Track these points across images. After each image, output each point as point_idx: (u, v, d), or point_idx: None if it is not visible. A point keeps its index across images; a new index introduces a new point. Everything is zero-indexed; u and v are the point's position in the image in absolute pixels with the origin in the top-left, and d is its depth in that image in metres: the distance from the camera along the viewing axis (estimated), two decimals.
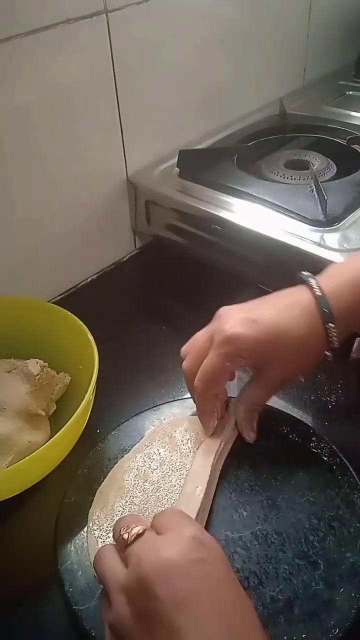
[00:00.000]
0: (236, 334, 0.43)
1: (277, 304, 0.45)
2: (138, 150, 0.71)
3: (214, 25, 0.74)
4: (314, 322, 0.43)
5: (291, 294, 0.46)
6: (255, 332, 0.43)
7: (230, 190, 0.67)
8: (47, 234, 0.66)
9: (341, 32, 1.00)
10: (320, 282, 0.44)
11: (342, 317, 0.43)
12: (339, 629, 0.37)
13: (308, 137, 0.81)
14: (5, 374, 0.53)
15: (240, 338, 0.43)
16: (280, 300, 0.46)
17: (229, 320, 0.44)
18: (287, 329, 0.43)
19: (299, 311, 0.44)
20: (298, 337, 0.43)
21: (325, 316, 0.43)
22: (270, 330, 0.43)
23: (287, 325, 0.43)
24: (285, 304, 0.45)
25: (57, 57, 0.57)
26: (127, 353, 0.62)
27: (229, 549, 0.42)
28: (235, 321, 0.44)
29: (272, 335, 0.43)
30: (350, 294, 0.44)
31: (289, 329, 0.43)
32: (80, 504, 0.46)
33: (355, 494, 0.45)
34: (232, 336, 0.43)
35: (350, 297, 0.44)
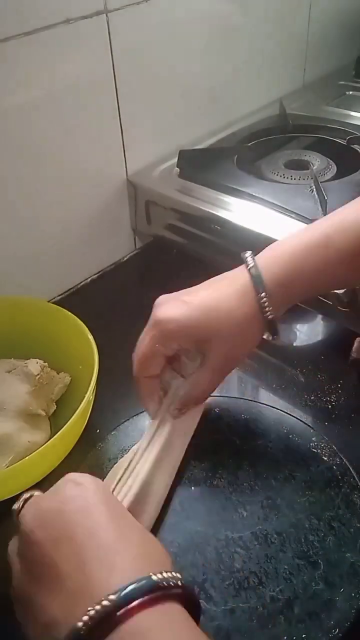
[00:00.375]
0: (164, 315, 0.44)
1: (211, 285, 0.46)
2: (138, 150, 0.71)
3: (214, 25, 0.74)
4: (247, 295, 0.43)
5: (227, 275, 0.46)
6: (183, 311, 0.44)
7: (230, 190, 0.67)
8: (47, 234, 0.66)
9: (341, 32, 1.00)
10: (255, 256, 0.45)
11: (275, 288, 0.43)
12: (339, 629, 0.37)
13: (308, 137, 0.81)
14: (5, 374, 0.53)
15: (168, 319, 0.44)
16: (215, 281, 0.46)
17: (162, 304, 0.45)
18: (217, 305, 0.44)
19: (231, 287, 0.44)
20: (229, 311, 0.43)
21: (256, 285, 0.43)
22: (199, 308, 0.44)
23: (218, 302, 0.44)
24: (219, 285, 0.45)
25: (57, 57, 0.57)
26: (127, 353, 0.61)
27: (229, 549, 0.42)
28: (166, 305, 0.45)
29: (202, 314, 0.43)
30: (283, 266, 0.44)
31: (219, 304, 0.43)
32: None
33: (355, 494, 0.45)
34: (160, 319, 0.44)
35: (283, 269, 0.44)
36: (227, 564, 0.41)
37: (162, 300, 0.46)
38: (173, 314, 0.44)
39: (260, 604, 0.39)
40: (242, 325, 0.44)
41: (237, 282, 0.44)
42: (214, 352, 0.45)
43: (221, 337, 0.44)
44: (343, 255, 0.43)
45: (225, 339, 0.44)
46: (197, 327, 0.44)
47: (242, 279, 0.44)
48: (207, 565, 0.41)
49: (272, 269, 0.44)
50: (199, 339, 0.45)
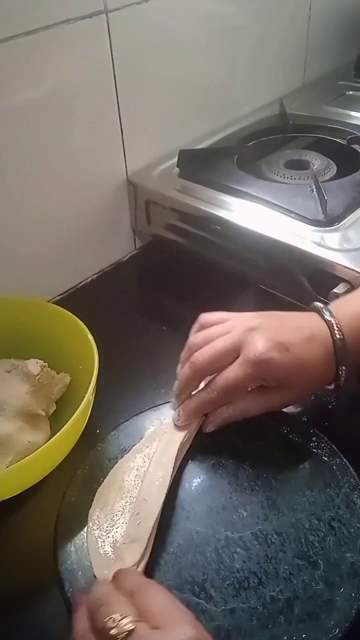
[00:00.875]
0: (270, 359, 0.43)
1: (302, 332, 0.45)
2: (138, 150, 0.71)
3: (214, 25, 0.74)
4: (329, 359, 0.45)
5: (311, 323, 0.46)
6: (286, 361, 0.44)
7: (230, 190, 0.67)
8: (47, 233, 0.66)
9: (341, 32, 1.00)
10: (338, 321, 0.45)
11: (353, 356, 0.45)
12: (339, 629, 0.37)
13: (308, 137, 0.81)
14: (5, 374, 0.52)
15: (272, 364, 0.44)
16: (303, 327, 0.46)
17: (263, 340, 0.44)
18: (310, 363, 0.44)
19: (319, 345, 0.45)
20: (315, 371, 0.45)
21: (340, 359, 0.44)
22: (297, 361, 0.44)
23: (310, 359, 0.44)
24: (309, 334, 0.45)
25: (57, 57, 0.57)
26: (127, 353, 0.62)
27: (229, 549, 0.42)
28: (270, 344, 0.44)
29: (297, 366, 0.44)
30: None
31: (311, 363, 0.44)
32: (80, 504, 0.46)
33: (355, 494, 0.45)
34: (266, 360, 0.43)
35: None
36: (227, 564, 0.41)
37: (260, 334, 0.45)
38: (276, 358, 0.43)
39: (260, 604, 0.39)
40: (317, 385, 0.47)
41: (326, 346, 0.45)
42: (281, 397, 0.47)
43: (297, 389, 0.46)
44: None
45: (297, 392, 0.47)
46: (288, 377, 0.45)
47: (328, 345, 0.45)
48: (207, 565, 0.41)
49: (355, 338, 0.45)
50: (279, 385, 0.46)
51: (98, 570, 0.41)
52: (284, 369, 0.44)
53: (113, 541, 0.43)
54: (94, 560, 0.42)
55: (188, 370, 0.48)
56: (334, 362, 0.45)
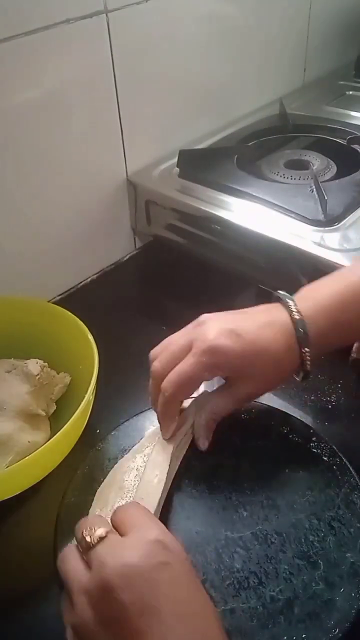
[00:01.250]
0: (220, 345, 0.42)
1: (258, 319, 0.45)
2: (138, 150, 0.72)
3: (214, 25, 0.74)
4: (291, 343, 0.43)
5: (270, 311, 0.45)
6: (238, 346, 0.43)
7: (230, 190, 0.67)
8: (47, 234, 0.66)
9: (341, 32, 1.00)
10: (298, 305, 0.44)
11: (316, 341, 0.43)
12: (339, 629, 0.37)
13: (308, 137, 0.81)
14: (5, 374, 0.53)
15: (223, 350, 0.42)
16: (261, 315, 0.45)
17: (213, 329, 0.43)
18: (267, 346, 0.43)
19: (278, 329, 0.43)
20: (275, 356, 0.43)
21: (302, 340, 0.43)
22: (251, 346, 0.43)
23: (268, 343, 0.43)
24: (266, 320, 0.44)
25: (57, 57, 0.57)
26: (127, 353, 0.62)
27: (229, 549, 0.42)
28: (219, 332, 0.43)
29: (253, 352, 0.43)
30: (325, 318, 0.44)
31: (269, 346, 0.43)
32: (80, 504, 0.46)
33: (355, 494, 0.45)
34: (216, 347, 0.42)
35: (324, 322, 0.44)
36: (227, 564, 0.41)
37: (209, 323, 0.44)
38: (227, 345, 0.42)
39: (260, 604, 0.39)
40: (281, 370, 0.45)
41: (284, 326, 0.44)
42: (245, 387, 0.45)
43: (259, 376, 0.44)
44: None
45: (261, 379, 0.45)
46: (244, 362, 0.43)
47: (287, 325, 0.44)
48: (207, 565, 0.41)
49: (317, 322, 0.43)
50: (238, 373, 0.45)
51: None
52: (238, 356, 0.43)
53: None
54: None
55: (150, 381, 0.47)
56: (296, 344, 0.43)
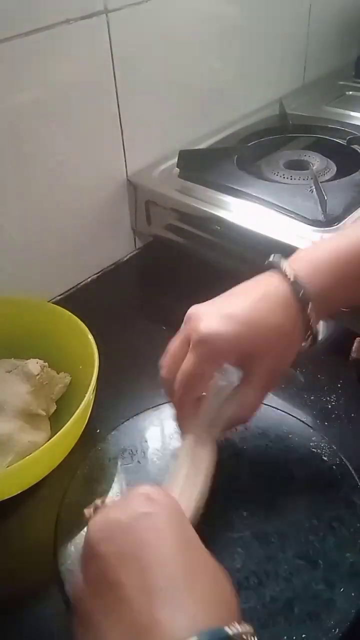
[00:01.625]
0: (213, 331, 0.40)
1: (250, 295, 0.42)
2: (138, 150, 0.71)
3: (214, 25, 0.74)
4: (291, 309, 0.41)
5: (261, 282, 0.43)
6: (232, 327, 0.40)
7: (230, 190, 0.67)
8: (47, 234, 0.66)
9: (341, 32, 1.00)
10: (291, 265, 0.42)
11: (320, 296, 0.41)
12: (339, 629, 0.37)
13: (308, 137, 0.81)
14: (6, 374, 0.53)
15: (217, 336, 0.40)
16: (252, 290, 0.43)
17: (203, 318, 0.41)
18: (265, 319, 0.41)
19: (274, 300, 0.41)
20: (277, 326, 0.41)
21: (302, 301, 0.40)
22: (248, 323, 0.40)
23: (265, 316, 0.41)
24: (259, 294, 0.42)
25: (56, 57, 0.57)
26: (127, 353, 0.62)
27: (229, 549, 0.42)
28: (209, 318, 0.41)
29: (251, 328, 0.40)
30: (324, 273, 0.41)
31: (267, 319, 0.41)
32: (80, 504, 0.46)
33: (355, 494, 0.45)
34: (208, 335, 0.40)
35: (324, 278, 0.41)
36: (227, 564, 0.41)
37: (198, 313, 0.42)
38: (220, 329, 0.40)
39: (260, 604, 0.39)
40: (289, 339, 0.41)
41: (279, 293, 0.41)
42: (262, 368, 0.42)
43: (268, 351, 0.41)
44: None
45: (273, 355, 0.42)
46: (246, 343, 0.40)
47: (283, 291, 0.41)
48: None
49: (316, 279, 0.41)
50: (246, 356, 0.41)
51: None
52: (233, 338, 0.40)
53: None
54: None
55: (163, 387, 0.45)
56: (297, 307, 0.41)
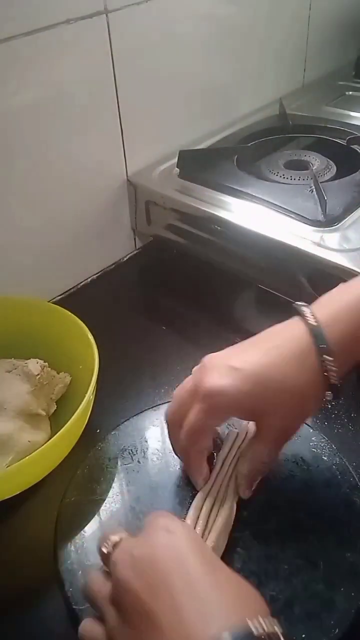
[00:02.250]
0: (215, 387, 0.39)
1: (265, 343, 0.40)
2: (138, 150, 0.71)
3: (214, 25, 0.74)
4: (308, 359, 0.38)
5: (283, 330, 0.41)
6: (237, 382, 0.38)
7: (230, 190, 0.67)
8: (47, 234, 0.66)
9: (341, 32, 1.00)
10: (314, 311, 0.40)
11: (341, 346, 0.38)
12: (339, 629, 0.37)
13: (308, 137, 0.81)
14: (6, 373, 0.53)
15: (219, 391, 0.39)
16: (270, 338, 0.41)
17: (210, 370, 0.40)
18: (273, 373, 0.38)
19: (289, 349, 0.39)
20: (285, 381, 0.38)
21: (320, 348, 0.38)
22: (254, 377, 0.39)
23: (275, 368, 0.39)
24: (274, 344, 0.40)
25: (57, 57, 0.57)
26: (127, 353, 0.62)
27: (229, 549, 0.42)
28: (215, 372, 0.39)
29: (257, 383, 0.38)
30: (349, 319, 0.39)
31: (275, 373, 0.38)
32: (80, 504, 0.46)
33: (355, 494, 0.45)
34: (210, 390, 0.39)
35: (349, 323, 0.39)
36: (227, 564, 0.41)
37: (209, 364, 0.41)
38: (222, 385, 0.39)
39: None
40: (301, 395, 0.39)
41: (295, 342, 0.39)
42: (269, 423, 0.40)
43: (279, 407, 0.39)
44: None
45: (281, 413, 0.39)
46: (249, 400, 0.39)
47: (300, 339, 0.39)
48: None
49: (337, 326, 0.39)
50: (253, 412, 0.40)
51: None
52: (237, 392, 0.38)
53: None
54: None
55: (168, 432, 0.45)
56: (314, 355, 0.38)
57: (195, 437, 0.42)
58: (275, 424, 0.40)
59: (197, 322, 0.66)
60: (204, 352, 0.43)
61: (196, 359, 0.42)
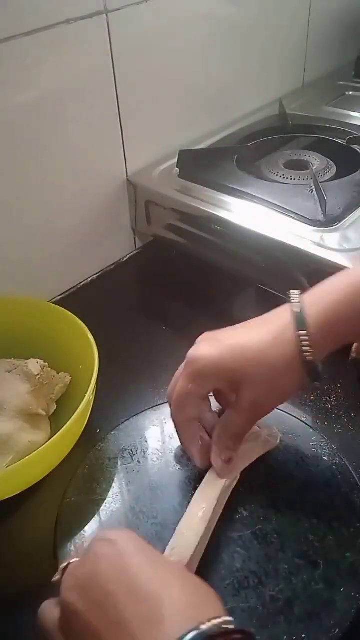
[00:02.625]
0: (197, 353, 0.42)
1: (252, 323, 0.43)
2: (138, 150, 0.72)
3: (214, 25, 0.74)
4: (285, 334, 0.40)
5: (271, 313, 0.43)
6: (216, 350, 0.42)
7: (230, 190, 0.67)
8: (47, 234, 0.66)
9: (341, 32, 1.00)
10: (302, 295, 0.42)
11: (320, 323, 0.40)
12: (339, 629, 0.37)
13: (308, 137, 0.81)
14: (6, 374, 0.53)
15: (200, 357, 0.42)
16: (257, 320, 0.44)
17: (198, 343, 0.44)
18: (248, 344, 0.41)
19: (269, 325, 0.41)
20: (260, 351, 0.40)
21: (298, 323, 0.40)
22: (229, 347, 0.41)
23: (249, 340, 0.41)
24: (258, 323, 0.43)
25: (57, 57, 0.57)
26: (127, 353, 0.62)
27: (229, 549, 0.42)
28: (202, 344, 0.43)
29: (230, 353, 0.41)
30: (332, 299, 0.40)
31: (250, 343, 0.41)
32: (80, 504, 0.46)
33: (355, 494, 0.45)
34: (194, 356, 0.42)
35: (332, 302, 0.40)
36: (227, 564, 0.41)
37: (200, 339, 0.44)
38: (203, 352, 0.42)
39: (260, 604, 0.39)
40: (275, 367, 0.40)
41: (277, 319, 0.42)
42: (244, 394, 0.42)
43: (251, 379, 0.41)
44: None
45: (255, 382, 0.41)
46: (226, 367, 0.41)
47: (283, 317, 0.41)
48: (207, 565, 0.41)
49: (316, 307, 0.40)
50: (231, 380, 0.42)
51: None
52: (215, 361, 0.41)
53: None
54: None
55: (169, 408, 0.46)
56: (292, 332, 0.40)
57: (181, 403, 0.44)
58: (249, 395, 0.42)
59: (197, 322, 0.66)
60: None
61: None
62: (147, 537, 0.43)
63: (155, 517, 0.45)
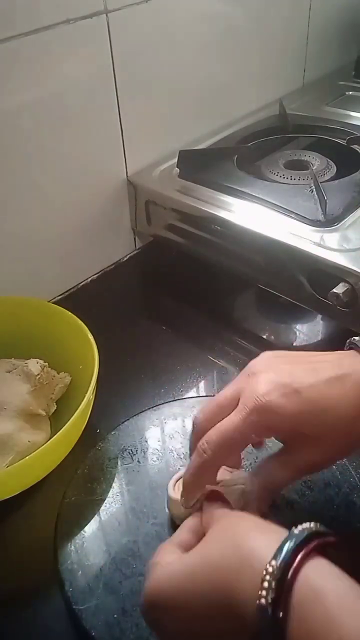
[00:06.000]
0: (272, 403, 0.35)
1: (325, 371, 0.37)
2: (138, 150, 0.72)
3: (214, 25, 0.74)
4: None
5: (341, 361, 0.38)
6: (295, 406, 0.36)
7: (230, 190, 0.67)
8: (47, 234, 0.66)
9: (341, 32, 1.00)
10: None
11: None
12: None
13: (308, 137, 0.81)
14: (6, 374, 0.53)
15: (275, 410, 0.35)
16: (329, 367, 0.38)
17: (266, 382, 0.37)
18: (333, 405, 0.36)
19: (350, 385, 0.36)
20: (344, 416, 0.36)
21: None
22: (312, 405, 0.36)
23: (334, 401, 0.36)
24: (335, 374, 0.37)
25: (56, 57, 0.57)
26: (127, 353, 0.62)
27: None
28: (273, 386, 0.36)
29: (314, 412, 0.36)
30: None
31: (336, 405, 0.36)
32: (80, 504, 0.46)
33: (355, 494, 0.45)
34: (266, 405, 0.36)
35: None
36: None
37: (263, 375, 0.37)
38: (284, 406, 0.35)
39: None
40: (354, 435, 0.37)
41: (356, 377, 0.37)
42: (309, 454, 0.37)
43: (326, 442, 0.37)
44: None
45: (329, 445, 0.37)
46: (305, 425, 0.36)
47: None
48: None
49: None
50: (299, 437, 0.37)
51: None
52: (294, 416, 0.36)
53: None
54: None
55: (192, 435, 0.40)
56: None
57: (227, 447, 0.37)
58: (316, 454, 0.37)
59: (197, 322, 0.66)
60: (204, 352, 0.42)
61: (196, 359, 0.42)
62: (147, 537, 0.43)
63: (155, 517, 0.45)
